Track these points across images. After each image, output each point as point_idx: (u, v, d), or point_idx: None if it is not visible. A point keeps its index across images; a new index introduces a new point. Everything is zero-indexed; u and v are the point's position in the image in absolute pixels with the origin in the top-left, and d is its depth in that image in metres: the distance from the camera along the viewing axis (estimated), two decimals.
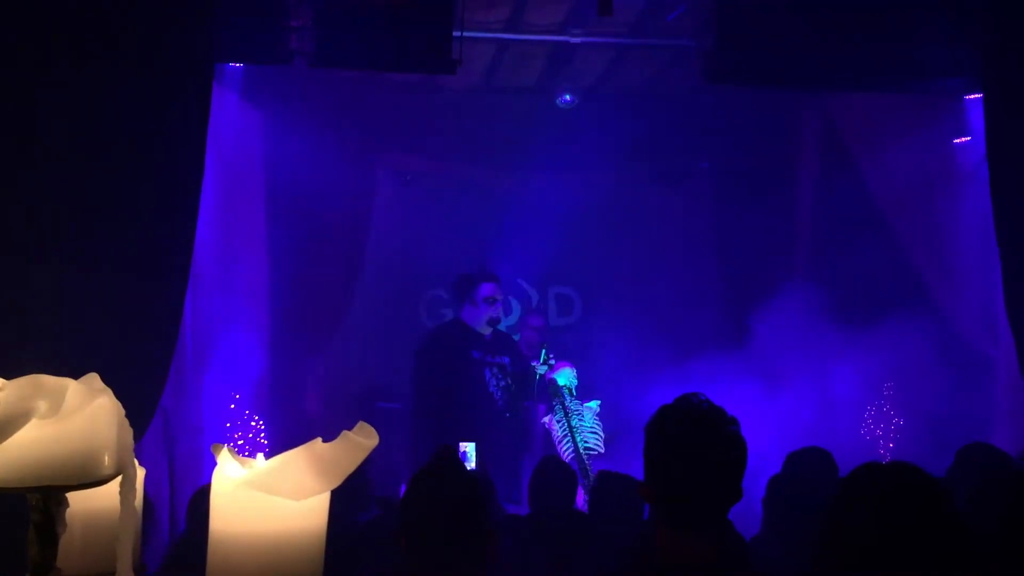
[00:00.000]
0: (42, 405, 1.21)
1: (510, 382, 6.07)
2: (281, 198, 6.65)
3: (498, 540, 2.48)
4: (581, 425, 5.91)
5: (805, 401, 7.05)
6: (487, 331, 6.04)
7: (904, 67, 5.76)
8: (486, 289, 6.03)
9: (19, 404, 1.19)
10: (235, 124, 6.30)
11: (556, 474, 4.46)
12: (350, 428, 1.43)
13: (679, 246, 7.80)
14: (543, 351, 6.08)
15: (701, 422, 2.22)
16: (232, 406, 6.02)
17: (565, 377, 5.99)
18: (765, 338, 6.94)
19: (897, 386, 6.69)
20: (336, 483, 1.36)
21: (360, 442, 1.38)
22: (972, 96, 6.20)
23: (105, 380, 1.32)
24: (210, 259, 6.14)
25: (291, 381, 6.78)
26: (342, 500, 1.46)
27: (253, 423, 6.11)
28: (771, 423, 6.76)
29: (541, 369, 5.99)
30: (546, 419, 6.04)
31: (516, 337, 7.55)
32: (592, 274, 8.11)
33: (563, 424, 5.85)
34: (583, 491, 5.77)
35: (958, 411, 6.10)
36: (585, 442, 5.83)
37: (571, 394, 5.96)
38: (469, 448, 5.43)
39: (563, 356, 6.24)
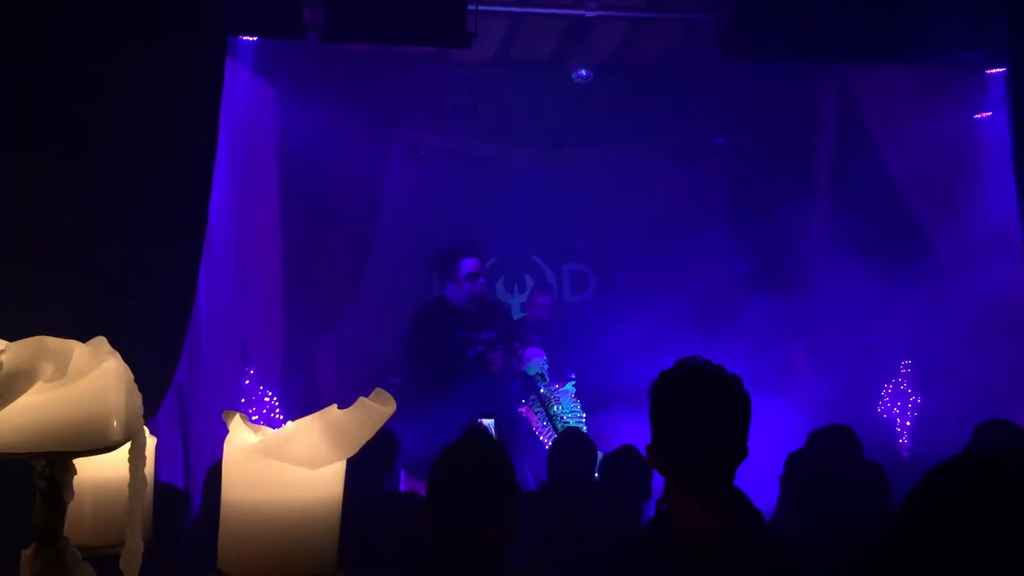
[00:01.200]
0: (47, 367, 1.16)
1: (498, 359, 6.01)
2: (294, 173, 6.61)
3: (520, 517, 2.46)
4: (560, 410, 5.88)
5: (824, 379, 7.00)
6: (471, 307, 5.95)
7: (925, 39, 5.66)
8: (468, 265, 5.93)
9: (23, 365, 1.14)
10: (248, 99, 6.26)
11: (578, 444, 4.46)
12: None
13: (695, 222, 7.71)
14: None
15: (702, 381, 2.26)
16: (247, 382, 6.00)
17: (534, 367, 5.97)
18: (783, 315, 6.88)
19: (915, 364, 6.63)
20: (352, 451, 1.32)
21: (377, 409, 1.33)
22: (994, 70, 6.09)
23: (121, 353, 1.27)
24: (224, 235, 6.12)
25: (305, 357, 6.77)
26: (367, 468, 1.41)
27: (267, 399, 6.09)
28: (789, 401, 6.72)
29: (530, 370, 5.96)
30: (522, 409, 6.00)
31: (524, 315, 7.52)
32: (607, 250, 8.04)
33: (541, 413, 5.83)
34: None
35: (977, 390, 6.03)
36: (566, 424, 5.80)
37: (543, 380, 5.93)
38: (489, 424, 5.39)
39: (576, 331, 6.20)
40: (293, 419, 1.35)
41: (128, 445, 1.25)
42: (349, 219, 6.85)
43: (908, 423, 6.60)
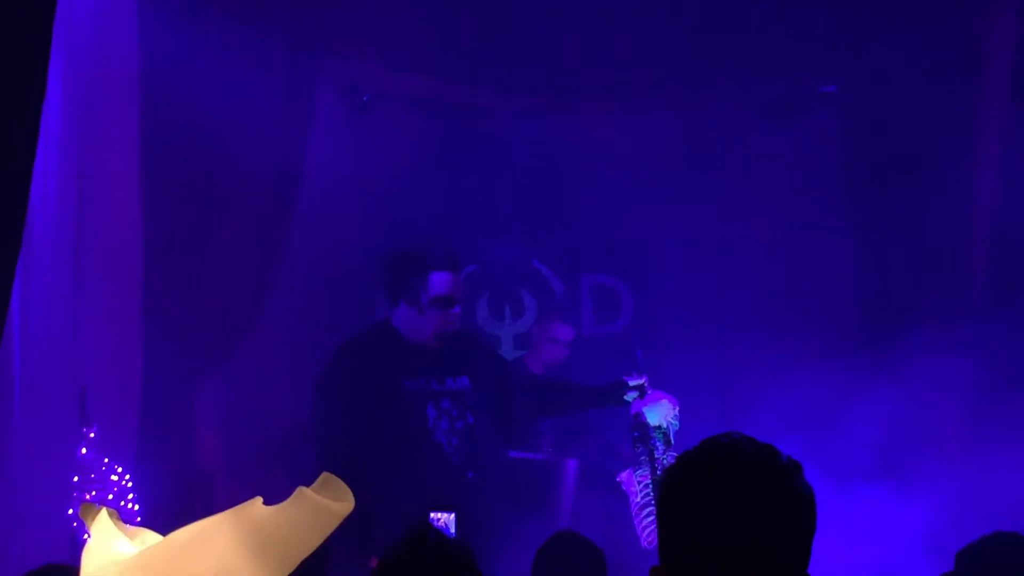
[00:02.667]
0: None
1: (471, 421, 5.97)
2: (164, 129, 6.60)
3: None
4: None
5: (981, 459, 7.04)
6: (433, 344, 5.95)
7: None
8: (438, 283, 5.86)
9: None
10: (95, 12, 6.26)
11: (575, 560, 4.48)
12: (268, 490, 1.37)
13: (791, 211, 7.74)
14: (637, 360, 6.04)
15: (737, 474, 2.19)
16: (83, 450, 5.97)
17: (658, 415, 5.92)
18: (920, 358, 6.90)
19: None
20: (286, 571, 1.30)
21: (325, 506, 1.31)
22: None
23: None
24: (53, 225, 6.11)
25: (175, 414, 6.74)
26: None
27: (115, 477, 6.07)
28: (924, 493, 6.76)
29: (629, 396, 5.95)
30: (624, 475, 5.98)
31: (521, 352, 7.52)
32: (650, 256, 8.06)
33: (648, 486, 5.82)
34: None
35: None
36: None
37: (667, 442, 5.91)
38: (448, 521, 5.38)
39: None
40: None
41: None
42: (250, 201, 6.84)
43: None
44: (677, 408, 5.98)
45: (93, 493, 5.99)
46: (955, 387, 7.08)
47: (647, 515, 5.86)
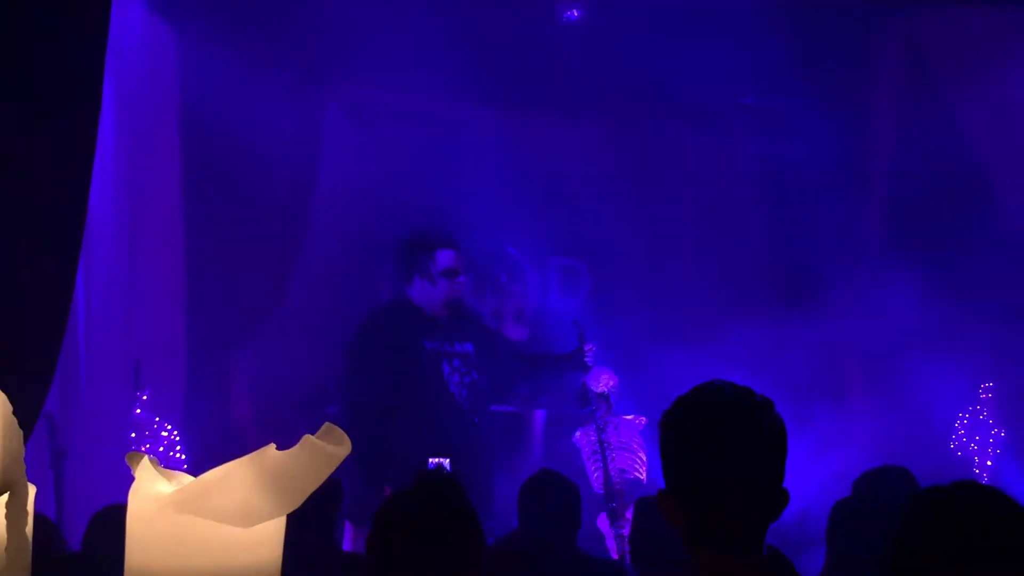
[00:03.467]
0: None
1: (476, 377, 5.99)
2: (200, 142, 6.58)
3: None
4: (617, 441, 5.93)
5: (880, 404, 7.05)
6: (443, 313, 5.92)
7: None
8: (445, 259, 5.83)
9: None
10: (142, 45, 6.23)
11: (555, 496, 4.47)
12: (290, 439, 1.38)
13: (718, 202, 7.73)
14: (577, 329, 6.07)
15: (725, 411, 2.24)
16: (138, 411, 5.96)
17: (600, 384, 6.01)
18: (829, 320, 6.91)
19: (999, 388, 6.68)
20: (295, 505, 1.32)
21: (327, 450, 1.33)
22: None
23: None
24: (109, 222, 6.08)
25: (214, 379, 6.73)
26: (304, 524, 1.41)
27: (165, 433, 6.06)
28: (836, 434, 6.77)
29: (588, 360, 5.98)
30: (576, 434, 6.04)
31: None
32: (606, 240, 8.03)
33: (595, 442, 5.88)
34: (607, 522, 5.81)
35: None
36: (613, 461, 5.87)
37: (608, 405, 5.97)
38: (444, 464, 5.38)
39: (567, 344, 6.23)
40: (198, 458, 1.35)
41: (5, 497, 1.24)
42: (272, 198, 6.81)
43: (989, 462, 6.65)
44: (616, 380, 6.03)
45: (147, 447, 5.98)
46: (850, 339, 7.15)
47: (595, 465, 5.92)
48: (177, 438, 6.11)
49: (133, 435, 5.96)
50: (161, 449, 6.00)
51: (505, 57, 7.25)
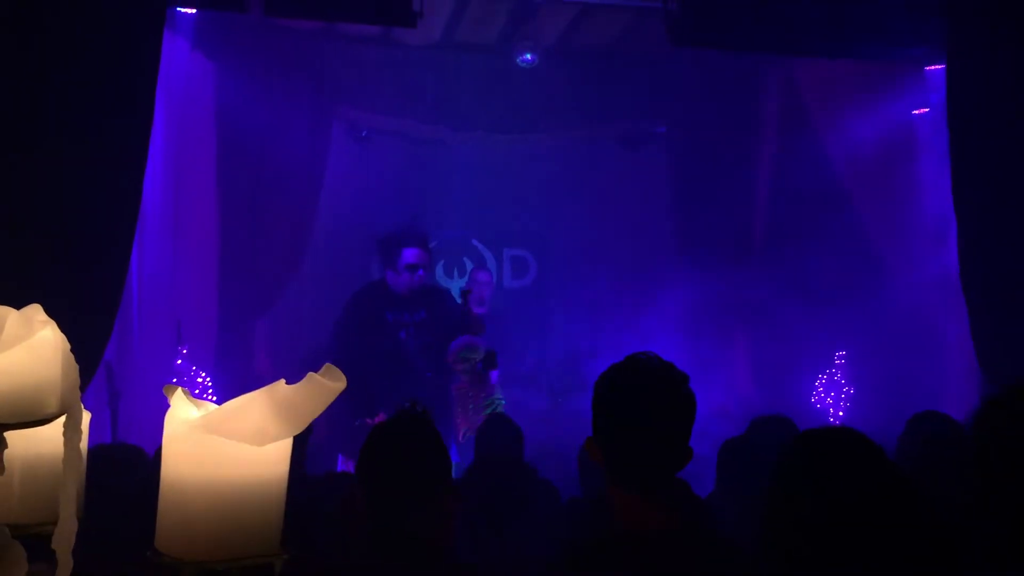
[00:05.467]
0: None
1: (429, 340, 5.97)
2: (232, 150, 6.50)
3: (459, 498, 2.43)
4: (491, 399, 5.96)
5: (758, 366, 7.09)
6: (407, 294, 5.94)
7: (867, 35, 5.73)
8: (408, 256, 5.88)
9: None
10: (186, 73, 6.16)
11: (504, 434, 4.43)
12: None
13: (636, 210, 7.73)
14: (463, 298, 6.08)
15: (651, 380, 2.21)
16: (179, 361, 5.88)
17: (466, 350, 6.04)
18: (720, 303, 6.95)
19: (850, 355, 6.73)
20: (299, 428, 1.27)
21: (327, 385, 1.28)
22: (933, 67, 6.19)
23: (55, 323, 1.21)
24: (158, 211, 6.00)
25: (239, 338, 6.65)
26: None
27: (200, 379, 5.98)
28: (721, 388, 6.80)
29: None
30: (454, 389, 6.08)
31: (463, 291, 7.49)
32: (548, 236, 8.02)
33: (463, 394, 5.91)
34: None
35: (910, 381, 6.15)
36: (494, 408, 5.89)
37: (472, 368, 6.05)
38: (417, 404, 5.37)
39: (518, 319, 6.20)
40: (226, 399, 1.30)
41: (63, 419, 1.19)
42: (287, 198, 6.71)
43: (840, 412, 6.70)
44: (482, 347, 5.98)
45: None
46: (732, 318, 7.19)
47: (460, 417, 5.94)
48: (210, 383, 6.04)
49: (174, 380, 5.86)
50: (196, 392, 5.92)
51: (474, 90, 7.21)
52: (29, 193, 4.12)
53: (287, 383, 1.29)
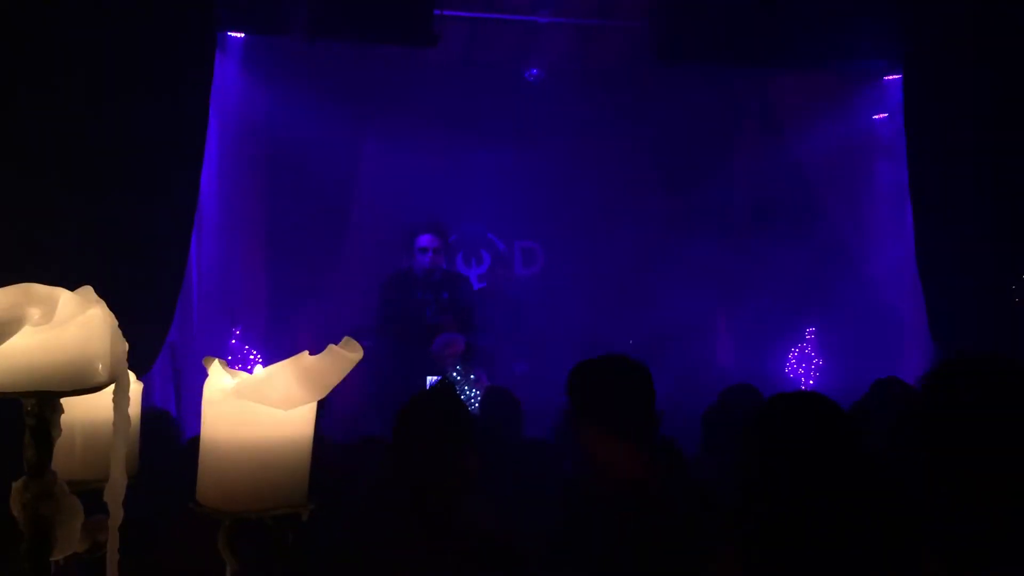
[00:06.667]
0: (34, 312, 1.08)
1: (449, 317, 6.02)
2: (278, 156, 6.55)
3: (478, 459, 2.44)
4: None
5: (740, 344, 7.06)
6: (432, 275, 5.94)
7: (832, 49, 5.68)
8: (420, 240, 5.94)
9: (10, 311, 1.06)
10: (237, 89, 6.20)
11: (504, 404, 4.42)
12: None
13: (629, 209, 7.67)
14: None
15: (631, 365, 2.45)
16: (233, 341, 5.89)
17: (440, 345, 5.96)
18: (706, 288, 6.90)
19: (819, 331, 6.69)
20: (322, 394, 1.26)
21: (345, 355, 1.27)
22: (891, 77, 6.13)
23: (119, 319, 1.20)
24: (214, 209, 6.01)
25: (286, 320, 6.65)
26: None
27: (252, 356, 5.99)
28: (709, 367, 6.78)
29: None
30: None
31: (482, 285, 7.45)
32: (554, 230, 7.97)
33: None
34: None
35: (871, 353, 6.11)
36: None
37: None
38: (433, 381, 5.38)
39: (530, 299, 6.17)
40: None
41: (113, 386, 1.17)
42: (327, 198, 6.72)
43: (811, 382, 6.67)
44: (459, 347, 5.88)
45: (239, 367, 5.90)
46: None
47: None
48: (260, 360, 6.05)
49: (229, 358, 5.87)
50: (249, 368, 5.92)
51: (489, 101, 7.17)
52: (102, 203, 4.14)
53: (311, 353, 1.27)
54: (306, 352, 1.26)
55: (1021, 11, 4.70)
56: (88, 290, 1.17)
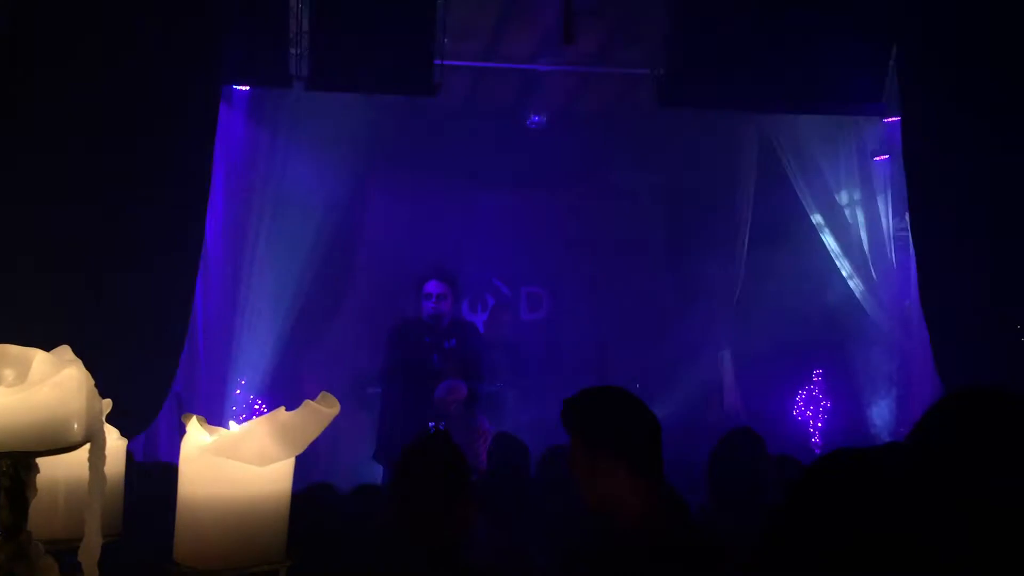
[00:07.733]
0: (8, 373, 1.09)
1: (457, 362, 5.97)
2: (283, 205, 6.52)
3: (475, 507, 2.43)
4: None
5: (744, 384, 7.00)
6: (439, 321, 5.92)
7: (831, 93, 5.71)
8: (427, 286, 5.93)
9: None
10: (241, 140, 6.24)
11: (512, 452, 4.41)
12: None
13: (633, 252, 7.68)
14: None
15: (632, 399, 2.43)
16: (238, 391, 5.89)
17: (444, 390, 5.89)
18: (708, 330, 6.88)
19: (827, 373, 6.65)
20: (299, 450, 1.26)
21: (322, 410, 1.27)
22: (890, 119, 6.15)
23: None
24: (219, 259, 6.04)
25: (292, 368, 6.64)
26: None
27: (256, 406, 5.98)
28: (715, 408, 6.73)
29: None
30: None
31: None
32: (559, 275, 7.98)
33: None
34: None
35: (878, 395, 6.07)
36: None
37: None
38: (440, 426, 5.36)
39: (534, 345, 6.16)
40: None
41: (88, 445, 1.17)
42: (332, 246, 6.74)
43: (819, 424, 6.61)
44: (461, 394, 5.81)
45: (244, 416, 5.89)
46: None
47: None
48: (265, 409, 6.03)
49: (234, 408, 5.87)
50: (253, 416, 5.92)
51: (492, 148, 7.22)
52: (106, 254, 4.18)
53: (287, 409, 1.27)
54: (282, 408, 1.26)
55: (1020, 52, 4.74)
56: (65, 349, 1.18)
